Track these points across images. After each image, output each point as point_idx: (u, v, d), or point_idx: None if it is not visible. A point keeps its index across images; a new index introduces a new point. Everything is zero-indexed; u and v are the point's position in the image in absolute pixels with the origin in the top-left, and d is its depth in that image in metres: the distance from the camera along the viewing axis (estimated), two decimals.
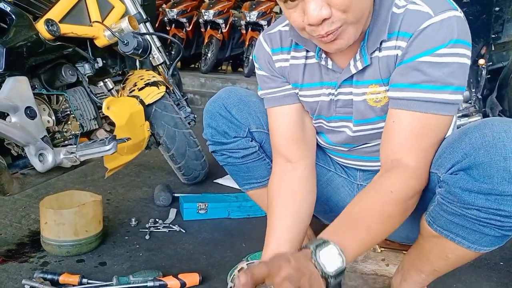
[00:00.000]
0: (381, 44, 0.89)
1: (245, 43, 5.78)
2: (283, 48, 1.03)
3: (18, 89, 1.33)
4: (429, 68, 0.83)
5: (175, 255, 1.46)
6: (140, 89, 1.83)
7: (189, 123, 2.04)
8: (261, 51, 1.07)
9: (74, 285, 1.23)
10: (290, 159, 1.06)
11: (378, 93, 0.94)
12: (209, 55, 5.74)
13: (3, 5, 1.33)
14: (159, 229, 1.62)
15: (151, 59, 2.05)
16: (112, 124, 1.72)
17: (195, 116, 2.10)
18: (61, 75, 1.54)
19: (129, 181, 2.15)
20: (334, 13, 0.78)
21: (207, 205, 1.74)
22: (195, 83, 5.39)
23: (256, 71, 1.11)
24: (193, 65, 6.77)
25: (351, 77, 0.95)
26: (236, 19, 6.03)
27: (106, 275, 1.30)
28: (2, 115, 1.31)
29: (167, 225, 1.66)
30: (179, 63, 6.08)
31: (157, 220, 1.69)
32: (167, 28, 6.08)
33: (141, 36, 1.64)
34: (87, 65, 1.63)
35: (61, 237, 1.38)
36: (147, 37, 1.79)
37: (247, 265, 1.19)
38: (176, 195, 1.89)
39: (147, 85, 1.85)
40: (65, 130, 1.56)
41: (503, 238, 0.82)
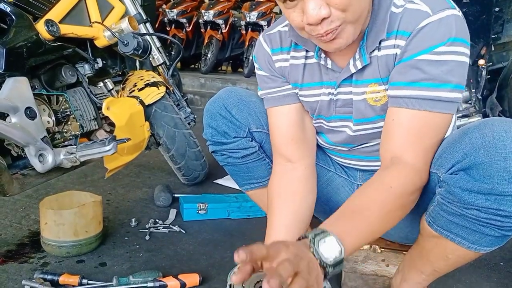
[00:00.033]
0: (380, 43, 0.89)
1: (245, 44, 5.79)
2: (283, 48, 1.04)
3: (18, 90, 1.33)
4: (427, 66, 0.83)
5: (175, 255, 1.45)
6: (140, 90, 1.83)
7: (189, 124, 2.04)
8: (261, 51, 1.07)
9: (74, 286, 1.23)
10: (290, 159, 1.06)
11: (377, 92, 0.94)
12: (209, 55, 5.75)
13: (3, 6, 1.33)
14: (159, 229, 1.62)
15: (151, 59, 2.05)
16: (112, 124, 1.72)
17: (195, 116, 2.10)
18: (61, 76, 1.54)
19: (129, 182, 2.15)
20: (333, 12, 0.79)
21: (207, 206, 1.74)
22: (195, 83, 5.39)
23: (256, 71, 1.12)
24: (193, 66, 6.78)
25: (350, 77, 0.96)
26: (236, 19, 6.04)
27: (106, 275, 1.30)
28: (2, 116, 1.31)
29: (167, 225, 1.66)
30: (179, 64, 6.10)
31: (157, 220, 1.69)
32: (167, 28, 6.09)
33: (141, 36, 1.64)
34: (87, 66, 1.63)
35: (61, 237, 1.38)
36: (147, 37, 1.79)
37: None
38: (176, 195, 1.89)
39: (147, 85, 1.85)
40: (65, 130, 1.56)
41: (503, 238, 0.82)
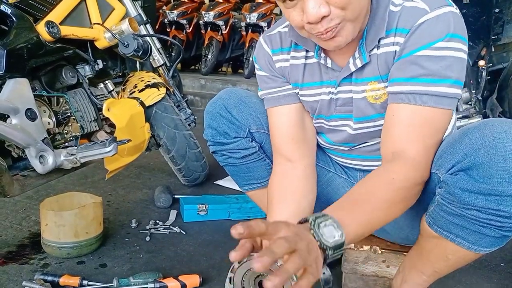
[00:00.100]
0: (379, 41, 0.90)
1: (245, 45, 5.79)
2: (283, 48, 1.04)
3: (18, 91, 1.33)
4: (426, 61, 0.84)
5: (176, 256, 1.45)
6: (140, 91, 1.83)
7: (189, 125, 2.04)
8: (261, 52, 1.08)
9: (74, 287, 1.23)
10: (290, 158, 1.06)
11: (377, 90, 0.94)
12: (209, 56, 5.76)
13: (3, 7, 1.34)
14: (159, 230, 1.62)
15: (151, 60, 2.06)
16: (112, 125, 1.72)
17: (195, 117, 2.10)
18: (61, 77, 1.55)
19: (129, 183, 2.15)
20: (332, 11, 0.79)
21: (207, 207, 1.74)
22: (195, 84, 5.40)
23: (256, 72, 1.12)
24: (193, 67, 6.79)
25: (350, 75, 0.96)
26: (236, 20, 6.05)
27: (106, 276, 1.30)
28: (2, 117, 1.31)
29: (168, 226, 1.66)
30: (179, 65, 6.10)
31: (158, 221, 1.69)
32: (167, 29, 6.09)
33: (141, 38, 1.64)
34: (87, 67, 1.63)
35: (62, 238, 1.38)
36: (147, 38, 1.79)
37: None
38: (176, 196, 1.89)
39: (147, 86, 1.85)
40: (66, 131, 1.56)
41: (503, 239, 0.82)
